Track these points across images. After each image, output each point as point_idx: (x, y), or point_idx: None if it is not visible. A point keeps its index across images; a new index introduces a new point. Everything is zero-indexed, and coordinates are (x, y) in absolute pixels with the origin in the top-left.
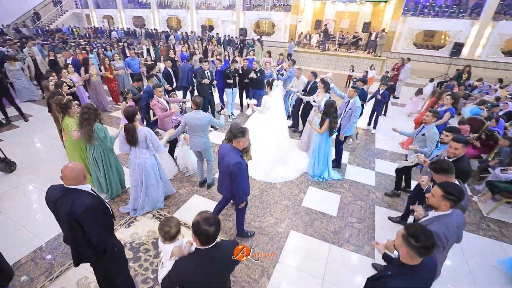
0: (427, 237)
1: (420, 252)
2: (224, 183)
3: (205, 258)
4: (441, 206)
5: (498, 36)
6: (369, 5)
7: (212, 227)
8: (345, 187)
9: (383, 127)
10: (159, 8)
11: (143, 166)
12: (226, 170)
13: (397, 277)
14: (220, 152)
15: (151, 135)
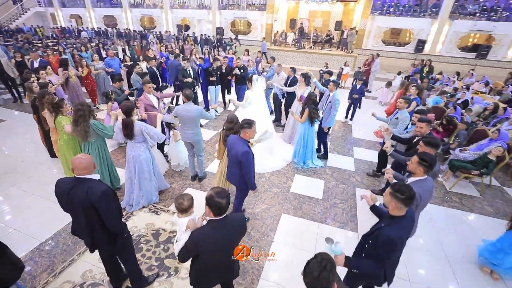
0: (409, 189)
1: (406, 203)
2: (233, 172)
3: (218, 227)
4: (417, 171)
5: (454, 33)
6: (340, 5)
7: (224, 200)
8: (328, 173)
9: (359, 119)
10: (132, 7)
11: (137, 159)
12: (235, 160)
13: (389, 227)
14: (228, 142)
15: (147, 127)
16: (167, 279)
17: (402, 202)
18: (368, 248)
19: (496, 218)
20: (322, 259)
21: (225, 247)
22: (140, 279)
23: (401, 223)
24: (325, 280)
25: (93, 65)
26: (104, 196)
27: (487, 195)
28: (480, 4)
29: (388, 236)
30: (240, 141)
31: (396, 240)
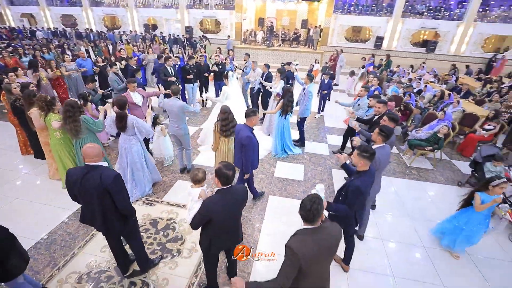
0: (371, 149)
1: (370, 158)
2: (237, 157)
3: (227, 194)
4: (377, 140)
5: (407, 30)
6: (305, 4)
7: (231, 171)
8: (306, 158)
9: (329, 110)
10: (93, 6)
11: (129, 151)
12: (239, 144)
13: (358, 179)
14: (236, 129)
15: (138, 121)
16: (172, 259)
17: (367, 159)
18: (341, 199)
19: (446, 185)
20: (312, 197)
21: (232, 212)
22: (147, 261)
23: (366, 176)
24: (316, 211)
25: (65, 66)
26: (117, 180)
27: (439, 167)
28: (426, 4)
29: (356, 185)
30: (245, 127)
31: (362, 187)
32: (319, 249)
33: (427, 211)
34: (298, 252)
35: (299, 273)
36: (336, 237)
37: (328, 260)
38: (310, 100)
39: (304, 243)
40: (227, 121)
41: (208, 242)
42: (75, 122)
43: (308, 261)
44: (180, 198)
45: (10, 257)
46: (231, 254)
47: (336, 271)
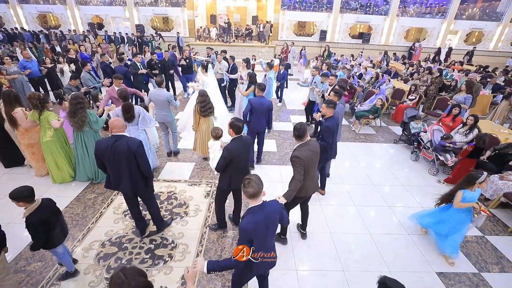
0: (333, 101)
1: (334, 107)
2: (262, 122)
3: (240, 141)
4: (334, 99)
5: (345, 24)
6: (253, 1)
7: (241, 123)
8: (276, 135)
9: (288, 96)
10: (22, 3)
11: None
12: (266, 110)
13: (326, 122)
14: (258, 102)
15: (144, 111)
16: (181, 219)
17: (332, 108)
18: (320, 140)
19: (386, 143)
20: (299, 122)
21: (244, 153)
22: (162, 221)
23: (332, 118)
24: (304, 129)
25: (5, 69)
26: (141, 146)
27: (380, 132)
28: (359, 1)
29: (326, 125)
30: (263, 98)
31: (330, 126)
32: (312, 153)
33: (374, 160)
34: (301, 156)
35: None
36: (317, 146)
37: (316, 161)
38: (271, 85)
39: (304, 151)
40: (205, 103)
41: (228, 180)
42: (83, 113)
43: (309, 161)
44: (174, 176)
45: (55, 227)
46: (239, 200)
47: (313, 208)
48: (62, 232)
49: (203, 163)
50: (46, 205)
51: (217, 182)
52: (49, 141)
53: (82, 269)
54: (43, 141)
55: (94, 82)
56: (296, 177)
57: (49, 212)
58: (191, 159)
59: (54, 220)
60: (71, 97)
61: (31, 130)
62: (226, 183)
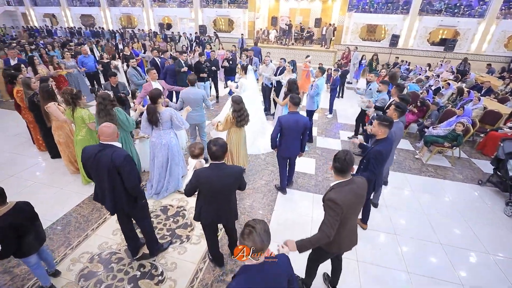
0: (390, 118)
1: (389, 126)
2: (295, 145)
3: (216, 169)
4: (393, 116)
5: (424, 28)
6: (318, 2)
7: (215, 147)
8: (317, 153)
9: (342, 107)
10: (110, 6)
11: (169, 146)
12: (300, 130)
13: (377, 145)
14: (290, 121)
15: (176, 113)
16: (181, 245)
17: (386, 127)
18: (363, 167)
19: (465, 183)
20: (344, 150)
21: (220, 186)
22: (156, 244)
23: (385, 141)
24: (349, 161)
25: (64, 63)
26: (126, 161)
27: (458, 166)
28: (445, 2)
29: (377, 149)
30: (297, 115)
31: (383, 151)
32: (354, 197)
33: (442, 205)
34: (340, 202)
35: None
36: (364, 187)
37: (359, 208)
38: (318, 94)
39: (343, 193)
40: (241, 111)
41: (198, 211)
42: (109, 115)
43: (348, 209)
44: None
45: (28, 234)
46: (231, 234)
47: (346, 263)
48: (36, 240)
49: None
50: (20, 208)
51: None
52: (81, 139)
53: (59, 286)
54: (76, 139)
55: (139, 78)
56: (325, 229)
57: (22, 217)
58: None
59: (27, 226)
60: (98, 95)
61: (61, 127)
62: (195, 213)
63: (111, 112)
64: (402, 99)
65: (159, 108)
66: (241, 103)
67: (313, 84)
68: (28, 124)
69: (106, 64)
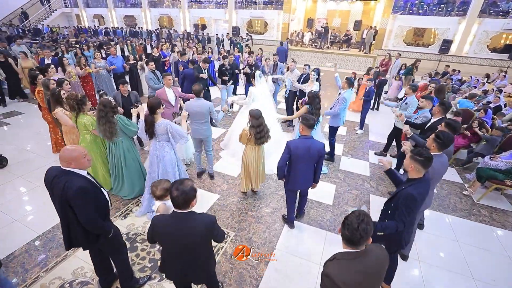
0: (427, 152)
1: (424, 164)
2: (306, 177)
3: (177, 218)
4: (432, 147)
5: (484, 33)
6: (359, 4)
7: (176, 192)
8: (340, 177)
9: (375, 121)
10: (151, 7)
11: (161, 160)
12: (314, 158)
13: (409, 187)
14: (301, 147)
15: (172, 126)
16: (159, 282)
17: (420, 164)
18: (390, 213)
19: None
20: (359, 213)
21: (184, 242)
22: (131, 280)
23: (420, 183)
24: (364, 232)
25: (94, 63)
26: (79, 194)
27: None
28: None
29: (409, 193)
30: (310, 140)
31: (416, 195)
32: (365, 277)
33: (501, 271)
34: (338, 281)
35: None
36: (383, 262)
37: None
38: (343, 108)
39: (346, 270)
40: (262, 127)
41: (162, 262)
42: (109, 123)
43: None
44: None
45: None
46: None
47: None
48: None
49: (231, 199)
50: None
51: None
52: (85, 147)
53: None
54: (81, 145)
55: (156, 82)
56: None
57: None
58: (218, 190)
59: None
60: (99, 102)
61: (71, 132)
62: (160, 264)
63: (112, 120)
64: (448, 125)
65: (156, 119)
66: (260, 117)
67: (339, 97)
68: (48, 124)
69: (133, 65)
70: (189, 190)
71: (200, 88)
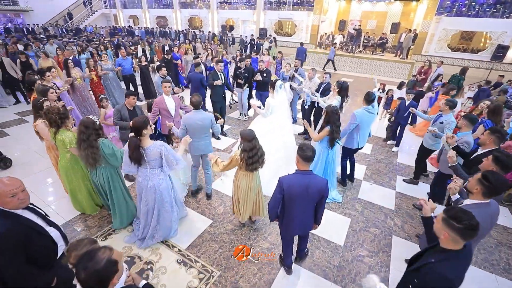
0: (470, 217)
1: (464, 234)
2: (305, 220)
3: None
4: (475, 190)
5: None
6: (398, 5)
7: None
8: (357, 208)
9: (408, 137)
10: (182, 8)
11: (157, 189)
12: (314, 199)
13: (441, 263)
14: (293, 183)
15: (167, 149)
16: None
17: (458, 233)
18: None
19: None
20: None
21: None
22: None
23: (458, 259)
24: None
25: (101, 65)
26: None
27: None
28: None
29: (442, 274)
30: (310, 176)
31: (453, 279)
32: None
33: None
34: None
35: None
36: None
37: None
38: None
39: None
40: (254, 151)
41: None
42: (91, 148)
43: None
44: (178, 236)
45: None
46: None
47: None
48: None
49: (225, 227)
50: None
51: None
52: (64, 166)
53: None
54: (60, 164)
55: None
56: None
57: None
58: (212, 213)
59: None
60: (80, 122)
61: (54, 148)
62: None
63: (95, 144)
64: (498, 161)
65: (144, 142)
66: (253, 139)
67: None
68: None
69: (144, 67)
70: (103, 267)
71: (199, 99)
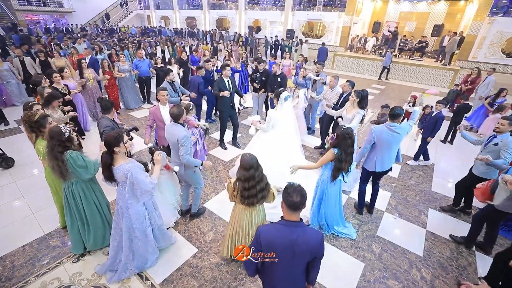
0: None
1: None
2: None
3: None
4: None
5: None
6: (443, 4)
7: None
8: (374, 250)
9: (445, 158)
10: (211, 8)
11: (125, 212)
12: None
13: None
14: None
15: (133, 174)
16: None
17: None
18: None
19: None
20: None
21: None
22: None
23: None
24: None
25: (118, 66)
26: None
27: None
28: None
29: None
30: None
31: None
32: None
33: None
34: None
35: None
36: None
37: None
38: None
39: None
40: (252, 182)
41: None
42: (55, 160)
43: None
44: (156, 266)
45: None
46: None
47: None
48: None
49: (211, 259)
50: None
51: None
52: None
53: None
54: (45, 171)
55: (173, 95)
56: None
57: None
58: (199, 241)
59: None
60: (49, 131)
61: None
62: None
63: (60, 157)
64: None
65: (116, 161)
66: (252, 169)
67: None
68: None
69: (160, 69)
70: None
71: (177, 112)
